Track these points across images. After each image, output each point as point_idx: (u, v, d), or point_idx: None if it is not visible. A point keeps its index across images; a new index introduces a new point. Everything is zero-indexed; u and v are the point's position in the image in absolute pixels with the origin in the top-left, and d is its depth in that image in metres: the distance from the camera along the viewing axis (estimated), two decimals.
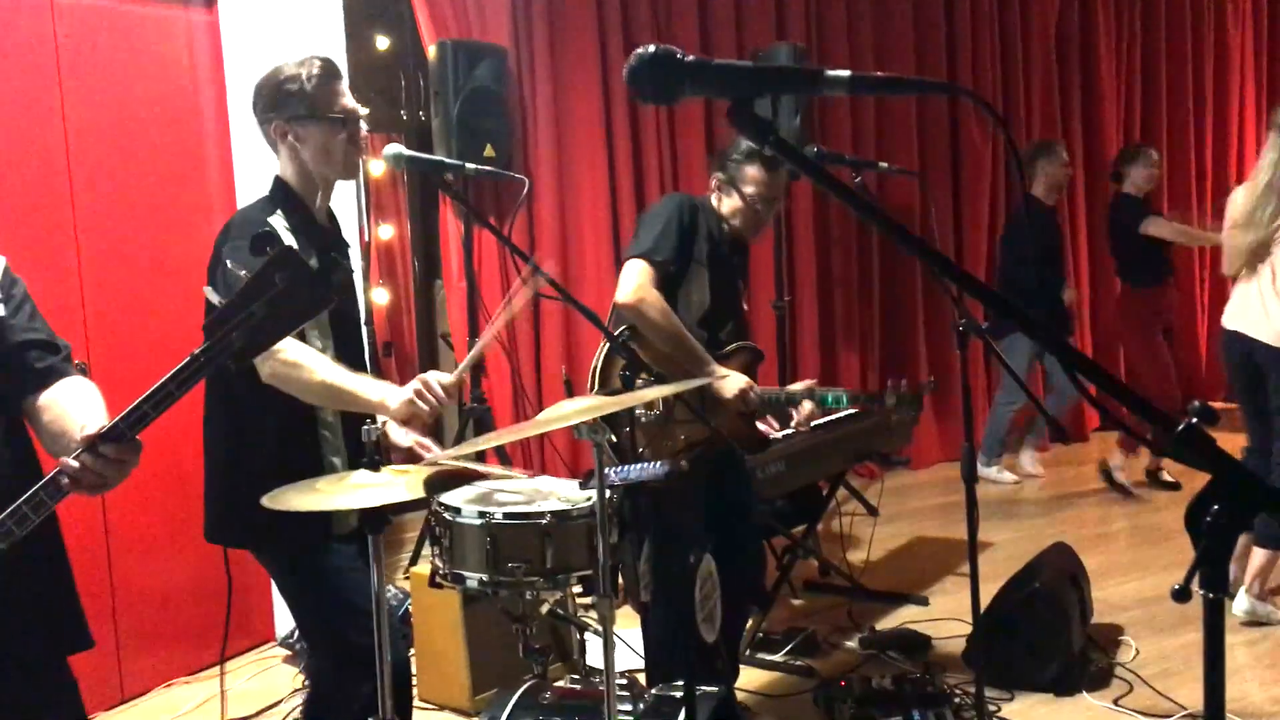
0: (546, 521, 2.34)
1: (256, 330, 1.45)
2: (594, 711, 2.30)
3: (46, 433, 1.80)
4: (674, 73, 1.04)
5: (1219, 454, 0.90)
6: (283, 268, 1.42)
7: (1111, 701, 3.39)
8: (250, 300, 1.43)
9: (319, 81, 2.39)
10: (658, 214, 3.00)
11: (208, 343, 1.47)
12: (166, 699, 3.80)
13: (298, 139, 2.42)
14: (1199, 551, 0.91)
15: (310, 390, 2.22)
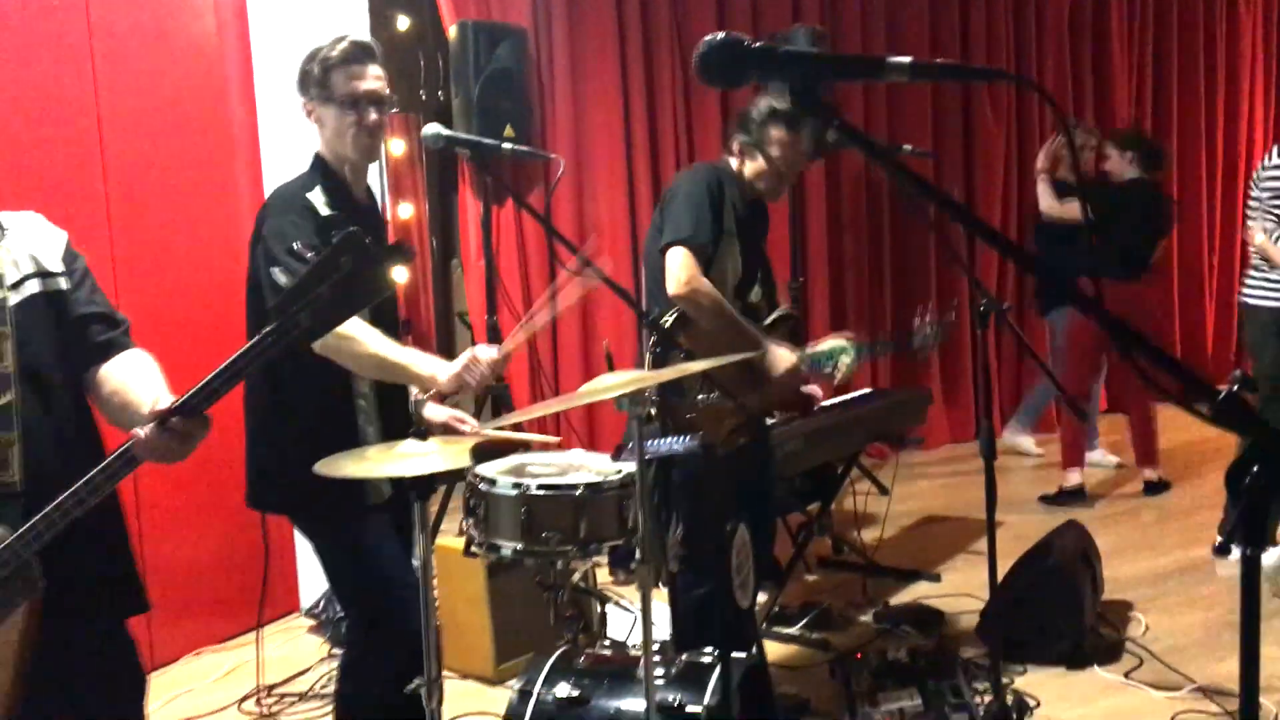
0: (580, 493, 2.41)
1: (323, 310, 1.51)
2: (627, 676, 2.38)
3: (109, 404, 1.86)
4: (741, 59, 1.09)
5: (1258, 419, 0.96)
6: (349, 251, 1.48)
7: (1122, 675, 3.46)
8: (318, 281, 1.49)
9: (334, 63, 2.43)
10: (690, 194, 3.01)
11: (277, 322, 1.53)
12: (196, 666, 3.89)
13: (319, 120, 2.48)
14: (1239, 510, 0.97)
15: (361, 362, 2.28)
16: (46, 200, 3.54)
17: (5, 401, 1.72)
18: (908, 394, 5.19)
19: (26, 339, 1.79)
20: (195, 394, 1.60)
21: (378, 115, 2.45)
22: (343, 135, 2.44)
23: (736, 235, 3.08)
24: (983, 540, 2.99)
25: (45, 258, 1.87)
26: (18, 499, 1.71)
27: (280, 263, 2.28)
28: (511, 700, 2.40)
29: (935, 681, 3.25)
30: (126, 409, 1.80)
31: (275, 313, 1.51)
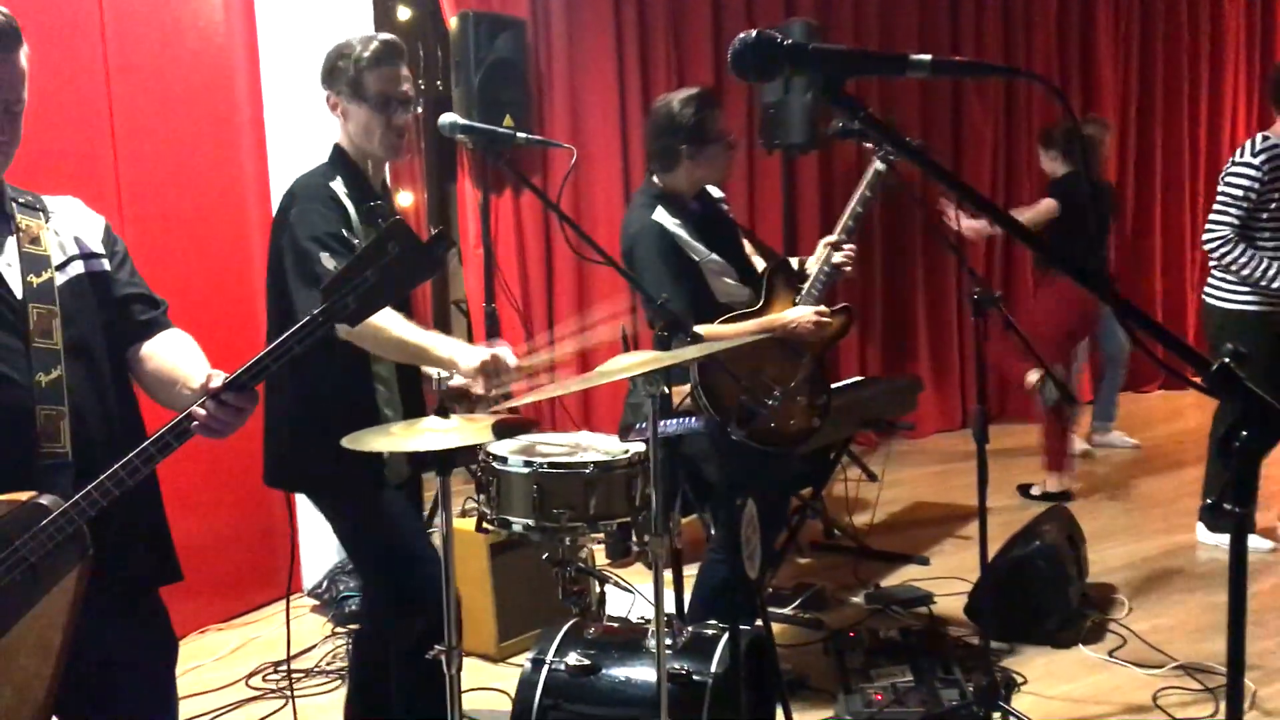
0: (590, 471, 2.50)
1: (369, 294, 1.59)
2: (636, 646, 2.47)
3: (152, 379, 1.94)
4: (774, 55, 1.18)
5: (1248, 388, 1.05)
6: (396, 238, 1.57)
7: (1107, 654, 3.58)
8: (365, 267, 1.58)
9: (368, 64, 2.49)
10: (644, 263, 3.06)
11: (325, 304, 1.61)
12: (201, 644, 3.96)
13: (345, 114, 2.54)
14: (1230, 472, 1.07)
15: (382, 344, 2.35)
16: (59, 185, 3.60)
17: (54, 376, 1.79)
18: (898, 381, 5.29)
19: (72, 317, 1.86)
20: (246, 370, 1.68)
21: (404, 117, 2.52)
22: (371, 133, 2.51)
23: (706, 244, 3.14)
24: (970, 525, 3.10)
25: (88, 239, 1.95)
26: (69, 469, 1.78)
27: (328, 248, 2.35)
28: (525, 669, 2.48)
29: (926, 659, 3.36)
30: (172, 384, 1.88)
31: (325, 294, 1.60)
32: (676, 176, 3.18)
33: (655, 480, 2.24)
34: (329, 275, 2.25)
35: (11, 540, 1.69)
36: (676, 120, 3.10)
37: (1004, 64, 7.13)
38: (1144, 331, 1.10)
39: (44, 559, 1.70)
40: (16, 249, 1.83)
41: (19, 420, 1.76)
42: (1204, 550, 4.52)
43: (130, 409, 1.98)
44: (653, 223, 3.11)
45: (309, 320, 1.64)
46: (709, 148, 3.14)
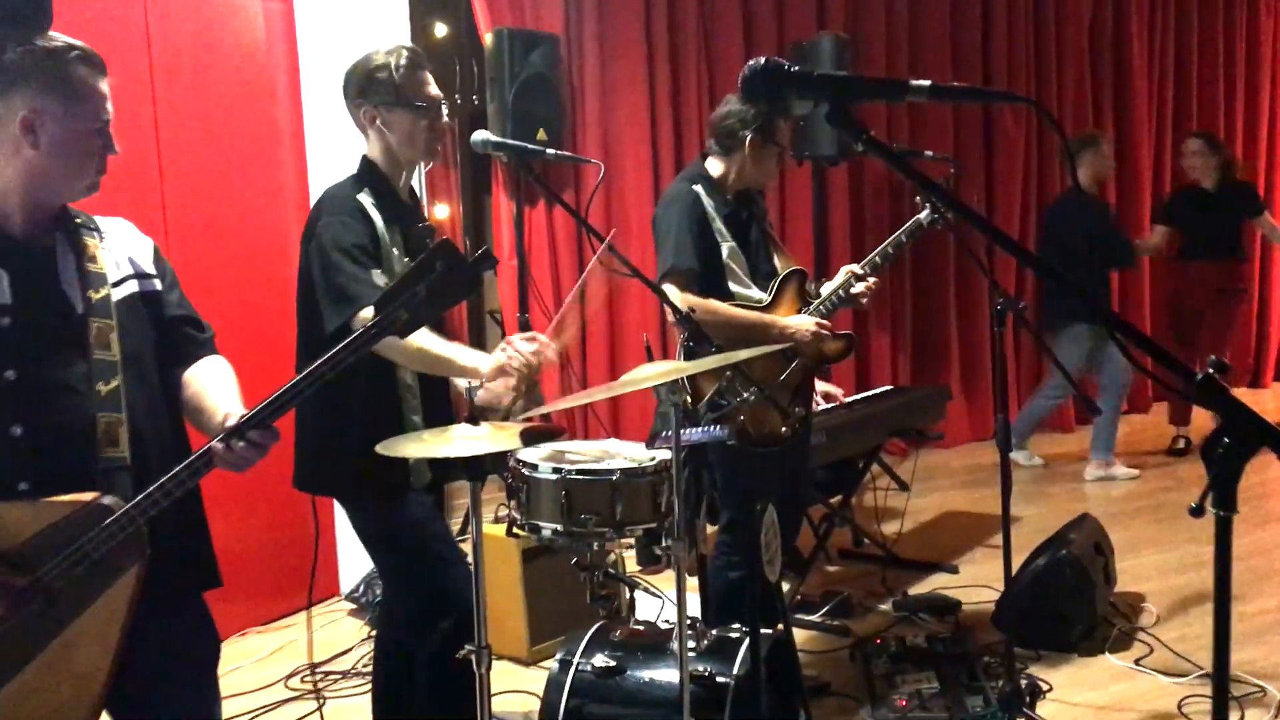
0: (617, 478, 2.57)
1: (419, 307, 1.69)
2: (660, 648, 2.53)
3: (187, 405, 2.05)
4: (782, 81, 1.25)
5: (1229, 398, 1.11)
6: (443, 256, 1.66)
7: (1133, 662, 3.59)
8: (415, 281, 1.68)
9: (406, 71, 2.58)
10: (667, 226, 3.17)
11: (378, 316, 1.71)
12: (241, 646, 4.06)
13: (385, 124, 2.61)
14: (1211, 476, 1.12)
15: (408, 356, 2.43)
16: (108, 198, 3.74)
17: (113, 386, 1.89)
18: (927, 391, 5.33)
19: (128, 331, 1.96)
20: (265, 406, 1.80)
21: (444, 119, 2.62)
22: (415, 138, 2.60)
23: (730, 235, 3.23)
24: (1000, 534, 3.12)
25: (140, 260, 2.06)
26: (127, 472, 1.89)
27: (354, 259, 2.44)
28: (552, 669, 2.55)
29: (951, 666, 3.40)
30: (200, 413, 1.99)
31: (378, 307, 1.70)
32: (729, 164, 3.29)
33: (678, 486, 2.30)
34: (353, 285, 2.37)
35: (76, 538, 1.78)
36: (750, 110, 3.22)
37: (1035, 75, 7.14)
38: (1136, 345, 1.16)
39: (105, 556, 1.80)
40: (75, 267, 1.94)
41: (82, 426, 1.87)
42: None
43: (178, 418, 2.08)
44: (690, 190, 3.23)
45: (363, 331, 1.74)
46: (770, 147, 3.25)
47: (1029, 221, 7.02)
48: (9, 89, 1.82)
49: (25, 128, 1.83)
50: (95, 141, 1.90)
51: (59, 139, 1.85)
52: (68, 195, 1.95)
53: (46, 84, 1.82)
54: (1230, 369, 1.12)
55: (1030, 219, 7.03)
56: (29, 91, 1.82)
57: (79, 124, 1.86)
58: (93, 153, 1.91)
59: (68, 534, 1.79)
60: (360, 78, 2.62)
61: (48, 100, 1.83)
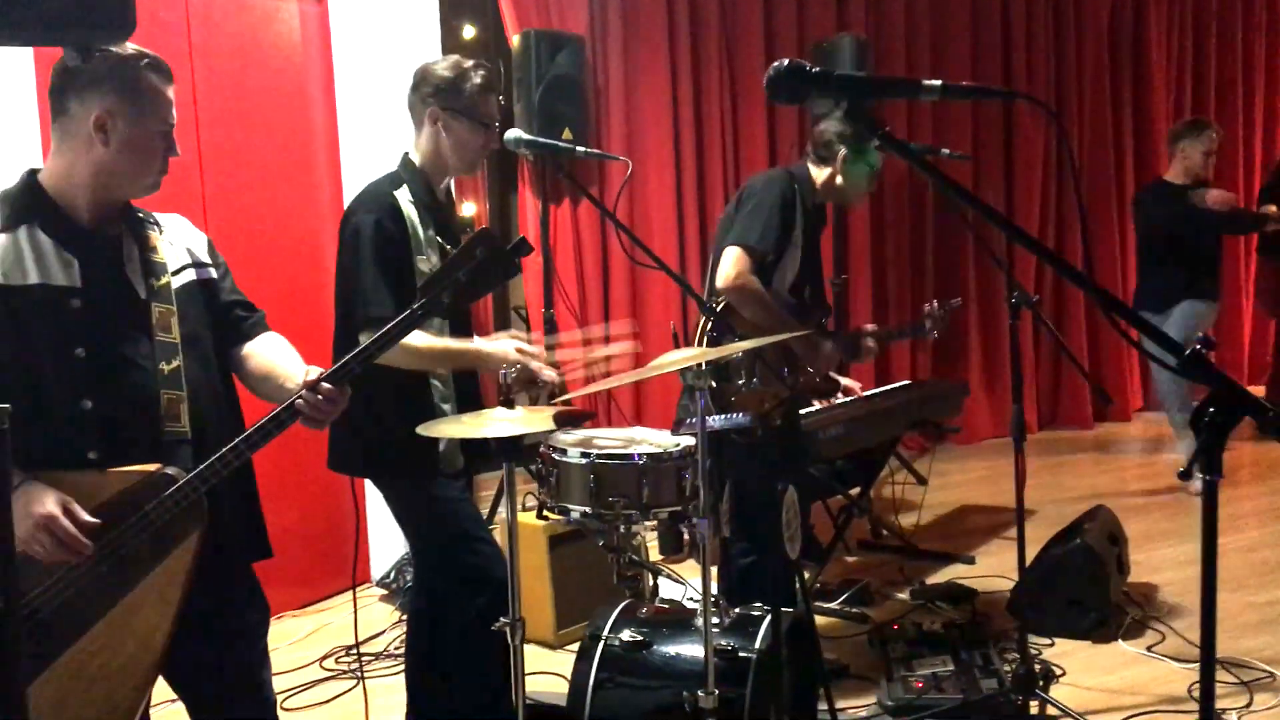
0: (643, 462, 2.69)
1: (460, 291, 1.82)
2: (685, 625, 2.64)
3: (253, 376, 2.19)
4: (803, 81, 1.35)
5: (1216, 371, 1.21)
6: (483, 243, 1.79)
7: (1145, 649, 3.68)
8: (457, 268, 1.81)
9: (481, 89, 2.73)
10: (763, 201, 3.31)
11: (423, 299, 1.85)
12: (277, 630, 4.16)
13: (446, 128, 2.74)
14: (1199, 443, 1.22)
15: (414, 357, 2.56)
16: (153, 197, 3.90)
17: (175, 366, 2.04)
18: (944, 385, 5.41)
19: (186, 315, 2.11)
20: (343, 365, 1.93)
21: (495, 143, 2.79)
22: (467, 149, 2.74)
23: (801, 244, 3.37)
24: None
25: (197, 251, 2.21)
26: (188, 445, 2.03)
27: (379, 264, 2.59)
28: (582, 643, 2.67)
29: (967, 651, 3.49)
30: (271, 378, 2.13)
31: (422, 291, 1.83)
32: (821, 174, 3.46)
33: (702, 467, 2.41)
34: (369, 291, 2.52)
35: (142, 506, 1.92)
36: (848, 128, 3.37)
37: (1056, 76, 7.21)
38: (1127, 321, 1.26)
39: (168, 523, 1.94)
40: (138, 256, 2.08)
41: (146, 402, 2.01)
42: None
43: (232, 395, 2.23)
44: (791, 182, 3.40)
45: (408, 313, 1.87)
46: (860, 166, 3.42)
47: (1048, 214, 7.10)
48: (85, 90, 1.96)
49: (98, 126, 1.96)
50: (160, 143, 2.04)
51: (128, 139, 1.98)
52: (132, 192, 2.09)
53: (119, 87, 1.96)
54: (1216, 345, 1.22)
55: (1050, 213, 7.11)
56: (103, 93, 1.96)
57: (147, 126, 2.00)
58: (157, 153, 2.04)
59: (134, 502, 1.93)
60: (439, 79, 2.74)
61: (120, 102, 1.97)
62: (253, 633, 2.27)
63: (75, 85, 1.96)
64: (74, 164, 2.00)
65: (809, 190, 3.43)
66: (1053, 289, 7.23)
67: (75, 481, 1.92)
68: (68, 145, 2.00)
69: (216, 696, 2.22)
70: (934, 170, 1.38)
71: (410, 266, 2.64)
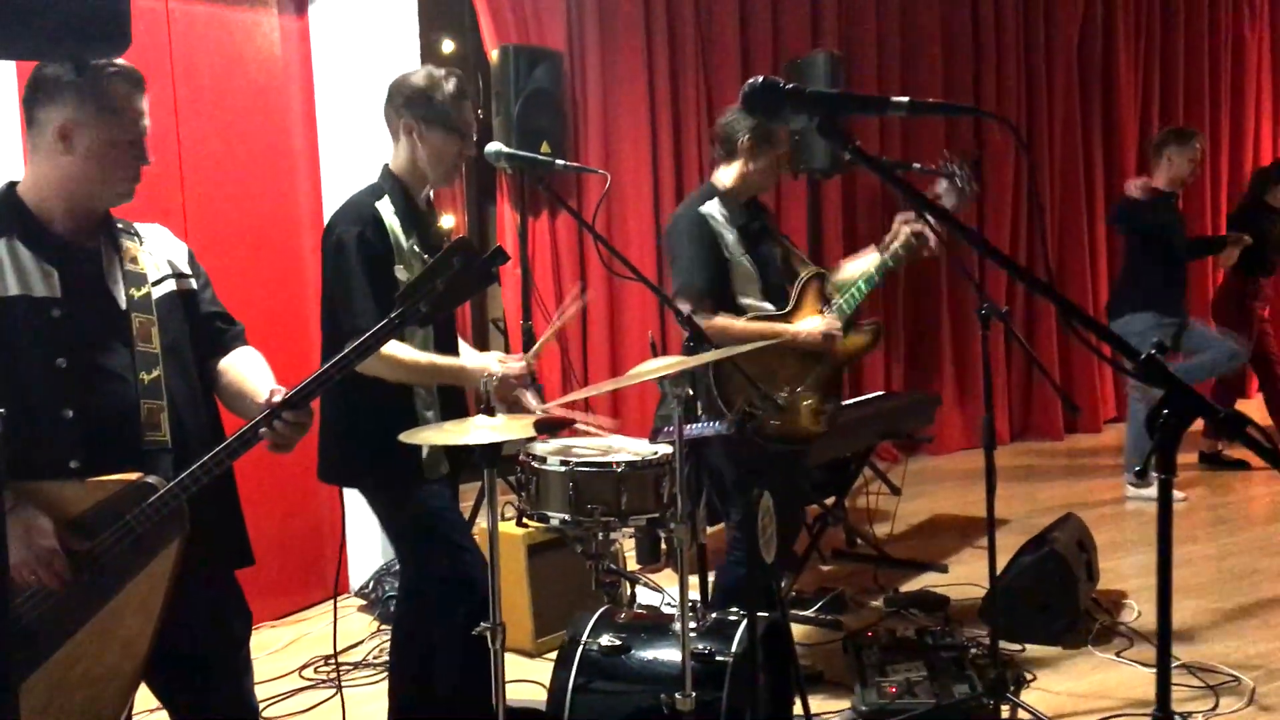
0: (621, 470, 2.72)
1: (437, 300, 1.85)
2: (663, 630, 2.68)
3: (226, 391, 2.22)
4: (777, 97, 1.41)
5: (1170, 375, 1.27)
6: (460, 252, 1.83)
7: (1114, 654, 3.75)
8: (434, 277, 1.84)
9: (455, 96, 2.76)
10: (677, 244, 3.33)
11: (400, 308, 1.87)
12: (255, 640, 4.06)
13: (421, 138, 2.77)
14: (1154, 443, 1.28)
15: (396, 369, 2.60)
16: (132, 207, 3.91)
17: (155, 375, 2.06)
18: (918, 396, 5.49)
19: (167, 325, 2.14)
20: (304, 387, 1.97)
21: (472, 150, 2.81)
22: (442, 160, 2.77)
23: (744, 251, 3.39)
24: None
25: (178, 262, 2.24)
26: (169, 454, 2.06)
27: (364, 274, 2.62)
28: (561, 648, 2.70)
29: (939, 656, 3.54)
30: (241, 398, 2.16)
31: (399, 300, 1.86)
32: (733, 171, 3.45)
33: (679, 474, 2.46)
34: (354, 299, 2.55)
35: (123, 513, 1.95)
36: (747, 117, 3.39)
37: (1027, 91, 7.32)
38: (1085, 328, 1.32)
39: (149, 531, 1.96)
40: (119, 267, 2.10)
41: (127, 412, 2.04)
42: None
43: (212, 404, 2.25)
44: (698, 212, 3.38)
45: (386, 321, 1.90)
46: (765, 150, 3.42)
47: (1019, 229, 7.21)
48: (50, 100, 1.98)
49: (61, 135, 1.99)
50: (127, 152, 2.05)
51: (91, 147, 2.00)
52: (103, 201, 2.10)
53: (82, 97, 1.98)
54: (1169, 349, 1.28)
55: (1020, 227, 7.22)
56: (66, 103, 1.98)
57: (112, 134, 2.02)
58: (124, 162, 2.05)
59: (115, 510, 1.95)
60: (411, 89, 2.77)
61: (83, 111, 1.99)
62: (235, 640, 2.30)
63: (42, 95, 1.99)
64: (46, 174, 2.02)
65: (727, 198, 3.42)
66: (1024, 301, 7.34)
67: (57, 491, 1.95)
68: (39, 156, 2.02)
69: (198, 705, 2.24)
70: (904, 184, 1.43)
71: (394, 276, 2.67)
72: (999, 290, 7.01)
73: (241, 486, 2.28)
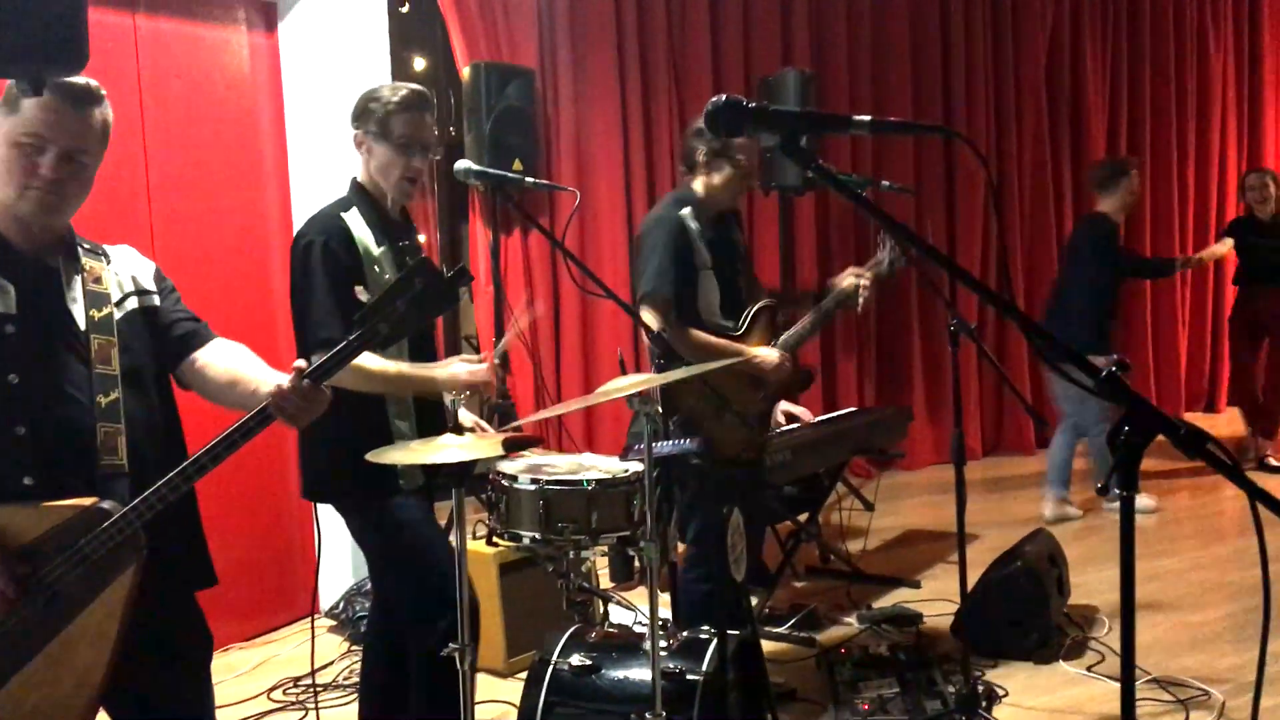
0: (591, 488, 2.71)
1: (399, 322, 1.82)
2: (633, 649, 2.67)
3: (214, 383, 2.15)
4: (740, 115, 1.41)
5: (1131, 392, 1.27)
6: (422, 274, 1.80)
7: (1085, 669, 3.76)
8: (395, 298, 1.81)
9: (396, 108, 2.73)
10: (650, 247, 3.33)
11: (360, 330, 1.84)
12: (224, 662, 4.14)
13: (369, 152, 2.78)
14: (1115, 460, 1.28)
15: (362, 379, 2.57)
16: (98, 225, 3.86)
17: (113, 398, 2.02)
18: (889, 412, 5.49)
19: (129, 346, 2.09)
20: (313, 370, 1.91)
21: (421, 162, 2.76)
22: (389, 173, 2.74)
23: (710, 264, 3.40)
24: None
25: (142, 279, 2.19)
26: (125, 478, 2.01)
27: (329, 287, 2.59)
28: (531, 668, 2.68)
29: (912, 673, 3.55)
30: (236, 384, 2.11)
31: (359, 323, 1.83)
32: (700, 183, 3.47)
33: (649, 491, 2.45)
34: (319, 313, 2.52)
35: (76, 540, 1.90)
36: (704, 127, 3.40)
37: (996, 106, 7.39)
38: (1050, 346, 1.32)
39: (104, 558, 1.91)
40: (81, 287, 2.07)
41: (82, 435, 1.99)
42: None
43: (174, 427, 2.21)
44: (678, 216, 3.39)
45: (345, 344, 1.87)
46: (722, 163, 3.42)
47: (989, 246, 7.27)
48: None
49: None
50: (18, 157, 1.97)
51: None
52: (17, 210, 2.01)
53: None
54: (1130, 368, 1.28)
55: (991, 244, 7.28)
56: None
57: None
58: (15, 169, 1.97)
59: (69, 536, 1.90)
60: (360, 104, 2.78)
61: None
62: (195, 664, 2.26)
63: None
64: None
65: (701, 207, 3.44)
66: (994, 317, 7.38)
67: (9, 516, 1.91)
68: None
69: None
70: (866, 203, 1.44)
71: (363, 285, 2.66)
72: (969, 306, 7.05)
73: (209, 507, 2.24)
